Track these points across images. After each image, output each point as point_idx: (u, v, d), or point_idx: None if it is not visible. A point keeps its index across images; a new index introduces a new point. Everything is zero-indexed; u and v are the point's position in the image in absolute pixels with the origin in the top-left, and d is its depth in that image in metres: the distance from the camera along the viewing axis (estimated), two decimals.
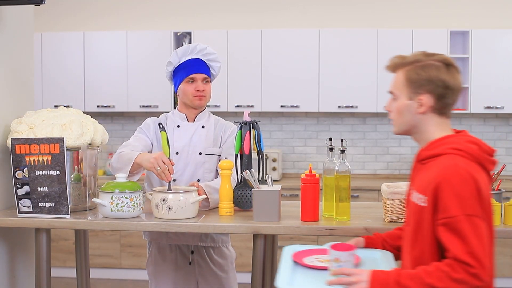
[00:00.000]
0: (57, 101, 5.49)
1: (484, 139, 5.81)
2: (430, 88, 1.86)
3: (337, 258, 1.83)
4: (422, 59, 1.88)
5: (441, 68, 1.86)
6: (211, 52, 2.94)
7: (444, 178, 1.76)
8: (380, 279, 1.75)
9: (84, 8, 5.90)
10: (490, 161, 1.87)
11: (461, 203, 1.72)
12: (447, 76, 1.85)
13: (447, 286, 1.69)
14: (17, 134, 2.68)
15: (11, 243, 2.92)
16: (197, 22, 5.78)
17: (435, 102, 1.88)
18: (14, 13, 2.96)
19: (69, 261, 5.37)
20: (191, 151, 2.93)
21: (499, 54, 5.28)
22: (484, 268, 1.69)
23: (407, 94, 1.89)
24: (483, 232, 1.72)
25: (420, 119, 1.90)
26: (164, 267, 2.98)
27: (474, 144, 1.86)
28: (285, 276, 1.88)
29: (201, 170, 2.93)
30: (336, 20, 5.69)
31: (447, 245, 1.73)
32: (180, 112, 3.00)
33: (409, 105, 1.89)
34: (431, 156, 1.87)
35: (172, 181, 2.66)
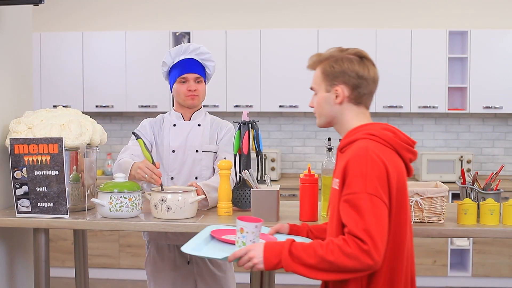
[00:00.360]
0: (56, 101, 5.49)
1: (483, 139, 5.88)
2: (344, 79, 1.94)
3: (242, 228, 1.88)
4: (337, 54, 1.97)
5: (354, 60, 1.94)
6: (204, 52, 2.96)
7: (352, 158, 1.83)
8: (274, 249, 1.80)
9: (83, 8, 5.89)
10: (406, 149, 1.93)
11: (365, 181, 1.77)
12: (360, 68, 1.94)
13: (338, 260, 1.72)
14: (16, 134, 2.68)
15: (10, 243, 2.92)
16: (196, 22, 5.78)
17: (350, 92, 1.95)
18: (12, 13, 2.96)
19: (68, 261, 5.36)
20: (188, 149, 2.94)
21: (498, 54, 5.28)
22: (376, 247, 1.71)
23: (324, 87, 1.98)
24: (383, 213, 1.76)
25: (338, 109, 1.98)
26: (163, 266, 2.98)
27: (389, 132, 1.93)
28: (193, 243, 1.94)
29: (198, 168, 2.93)
30: (335, 20, 5.70)
31: (345, 220, 1.77)
32: (176, 111, 3.02)
33: (327, 97, 1.98)
34: (348, 143, 1.94)
35: (162, 184, 2.65)
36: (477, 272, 5.14)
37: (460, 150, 5.67)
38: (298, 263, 1.77)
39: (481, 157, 5.69)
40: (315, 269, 1.75)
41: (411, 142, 1.97)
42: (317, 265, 1.74)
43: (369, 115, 2.02)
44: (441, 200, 2.47)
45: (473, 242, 5.12)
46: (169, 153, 2.94)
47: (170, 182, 2.94)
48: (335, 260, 1.72)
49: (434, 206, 2.47)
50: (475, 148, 5.69)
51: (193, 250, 1.90)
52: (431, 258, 5.16)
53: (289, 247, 1.79)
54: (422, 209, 2.46)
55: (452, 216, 2.59)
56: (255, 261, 1.81)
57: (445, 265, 5.16)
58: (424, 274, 5.17)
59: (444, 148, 5.72)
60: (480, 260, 5.12)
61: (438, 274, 5.17)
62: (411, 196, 2.47)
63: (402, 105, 5.38)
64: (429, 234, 2.44)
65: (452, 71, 5.46)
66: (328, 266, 1.74)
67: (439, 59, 5.33)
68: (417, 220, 2.47)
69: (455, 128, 5.72)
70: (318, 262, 1.74)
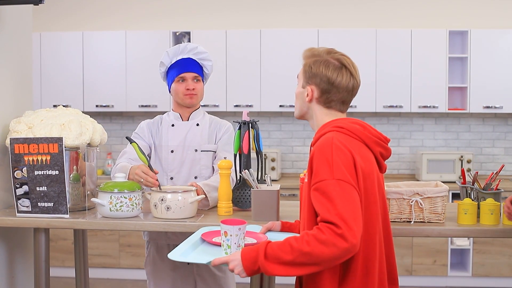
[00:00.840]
0: (56, 101, 5.49)
1: (483, 139, 5.88)
2: (316, 81, 1.99)
3: (225, 231, 1.89)
4: (322, 55, 2.01)
5: (331, 66, 1.98)
6: (202, 51, 2.97)
7: (317, 148, 1.86)
8: (250, 257, 1.78)
9: (83, 8, 5.89)
10: (375, 142, 1.96)
11: (331, 168, 1.79)
12: (334, 74, 1.97)
13: (315, 249, 1.70)
14: (16, 133, 2.68)
15: (10, 243, 2.92)
16: (196, 22, 5.78)
17: (319, 95, 2.00)
18: (13, 12, 2.96)
19: (68, 261, 5.36)
20: (186, 149, 2.94)
21: (498, 54, 5.28)
22: (351, 229, 1.70)
23: (302, 82, 2.06)
24: (353, 196, 1.77)
25: (309, 106, 2.05)
26: (163, 266, 2.98)
27: (358, 125, 1.96)
28: (181, 249, 1.95)
29: (197, 167, 2.94)
30: (335, 20, 5.70)
31: (317, 208, 1.78)
32: (174, 112, 3.02)
33: (302, 92, 2.06)
34: (318, 138, 1.96)
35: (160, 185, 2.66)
36: (477, 272, 5.14)
37: (460, 150, 5.67)
38: (276, 263, 1.74)
39: (481, 157, 5.69)
40: (293, 265, 1.73)
41: (383, 138, 1.99)
42: (295, 260, 1.72)
43: (340, 116, 2.03)
44: (441, 200, 2.47)
45: (473, 242, 5.12)
46: (168, 153, 2.94)
47: (170, 182, 2.95)
48: (311, 250, 1.70)
49: (434, 206, 2.47)
50: (475, 148, 5.69)
51: (180, 256, 1.90)
52: (431, 258, 5.16)
53: (264, 250, 1.76)
54: (422, 209, 2.46)
55: (452, 216, 2.59)
56: (237, 271, 1.79)
57: (445, 265, 5.16)
58: (424, 274, 5.17)
59: (444, 148, 5.72)
60: (480, 260, 5.12)
61: (438, 274, 5.17)
62: (411, 196, 2.47)
63: (402, 105, 5.38)
64: (429, 234, 2.44)
65: (452, 71, 5.46)
66: (306, 259, 1.71)
67: (439, 59, 5.33)
68: (417, 220, 2.47)
69: (455, 128, 5.72)
70: (295, 256, 1.72)
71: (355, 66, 2.02)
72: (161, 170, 2.95)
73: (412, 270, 5.16)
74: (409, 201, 2.46)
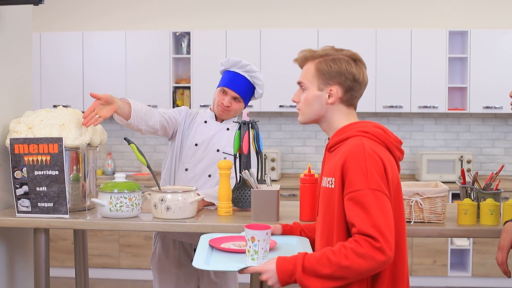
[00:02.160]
0: (56, 101, 5.49)
1: (483, 139, 5.88)
2: (341, 80, 1.93)
3: (253, 237, 1.86)
4: (332, 53, 1.96)
5: (350, 62, 1.94)
6: (258, 78, 2.95)
7: (350, 155, 1.82)
8: (286, 269, 1.76)
9: (83, 8, 5.89)
10: (396, 147, 1.94)
11: (366, 177, 1.76)
12: (356, 70, 1.94)
13: (354, 263, 1.69)
14: (16, 134, 2.68)
15: (10, 243, 2.92)
16: (196, 22, 5.78)
17: (343, 94, 1.94)
18: (12, 13, 2.95)
19: (68, 261, 5.36)
20: (210, 147, 2.97)
21: (498, 54, 5.28)
22: (388, 242, 1.70)
23: (317, 85, 1.96)
24: (387, 207, 1.75)
25: (328, 109, 1.96)
26: (167, 264, 3.02)
27: (380, 129, 1.93)
28: (201, 256, 1.93)
29: (214, 167, 2.95)
30: (335, 20, 5.70)
31: (352, 219, 1.75)
32: (211, 111, 3.06)
33: (319, 96, 1.96)
34: (339, 141, 1.93)
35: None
36: (477, 272, 5.14)
37: (460, 150, 5.67)
38: (313, 276, 1.73)
39: (481, 157, 5.69)
40: (331, 278, 1.72)
41: (399, 141, 1.98)
42: (333, 274, 1.71)
43: (356, 116, 2.02)
44: (441, 200, 2.47)
45: (473, 242, 5.12)
46: (191, 146, 2.97)
47: (184, 173, 2.97)
48: (350, 264, 1.69)
49: (434, 206, 2.47)
50: (475, 148, 5.69)
51: (205, 265, 1.87)
52: (431, 258, 5.16)
53: (302, 263, 1.75)
54: (422, 209, 2.46)
55: (452, 216, 2.59)
56: (271, 282, 1.78)
57: (445, 265, 5.16)
58: (424, 274, 5.17)
59: (444, 148, 5.72)
60: (480, 260, 5.12)
61: (438, 274, 5.17)
62: (411, 196, 2.47)
63: (402, 105, 5.38)
64: (429, 234, 2.44)
65: (452, 71, 5.46)
66: (344, 272, 1.71)
67: (439, 59, 5.33)
68: (417, 220, 2.47)
69: (455, 128, 5.72)
70: (333, 270, 1.71)
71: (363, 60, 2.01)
72: (179, 160, 2.98)
73: (412, 270, 5.16)
74: (409, 201, 2.46)
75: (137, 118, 2.76)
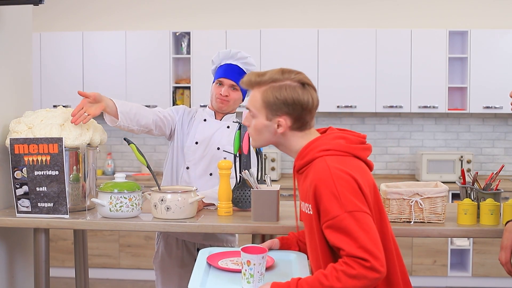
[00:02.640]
0: (56, 101, 5.49)
1: (483, 139, 5.87)
2: (288, 110, 1.86)
3: (248, 260, 1.83)
4: (279, 78, 1.87)
5: (297, 89, 1.86)
6: (251, 63, 2.98)
7: (318, 181, 1.78)
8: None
9: (83, 8, 5.89)
10: (361, 149, 1.91)
11: (340, 201, 1.73)
12: (303, 97, 1.86)
13: (347, 284, 1.69)
14: (16, 134, 2.68)
15: (10, 243, 2.92)
16: (196, 22, 5.78)
17: (293, 123, 1.88)
18: (12, 13, 2.95)
19: (68, 261, 5.36)
20: (210, 145, 2.98)
21: (498, 54, 5.28)
22: (378, 260, 1.70)
23: (265, 114, 1.89)
24: (369, 224, 1.74)
25: (280, 137, 1.91)
26: (170, 263, 3.02)
27: (341, 139, 1.88)
28: (198, 277, 1.90)
29: (215, 165, 2.95)
30: (335, 20, 5.70)
31: (338, 244, 1.74)
32: (210, 109, 3.07)
33: (268, 125, 1.89)
34: (304, 164, 1.89)
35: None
36: (477, 272, 5.14)
37: (460, 150, 5.67)
38: None
39: (481, 157, 5.69)
40: None
41: (362, 138, 1.94)
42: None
43: (314, 131, 1.96)
44: (441, 200, 2.47)
45: (473, 242, 5.12)
46: (191, 144, 2.98)
47: (185, 171, 2.97)
48: (343, 286, 1.69)
49: (434, 206, 2.47)
50: (475, 148, 5.69)
51: (201, 287, 1.85)
52: (431, 258, 5.16)
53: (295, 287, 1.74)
54: (422, 209, 2.46)
55: (452, 216, 2.59)
56: None
57: (445, 265, 5.16)
58: (424, 274, 5.17)
59: (444, 148, 5.72)
60: (480, 260, 5.12)
61: (438, 274, 5.17)
62: (411, 196, 2.47)
63: (402, 105, 5.38)
64: (429, 234, 2.44)
65: (452, 71, 5.46)
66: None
67: (439, 59, 5.33)
68: (417, 220, 2.47)
69: (455, 128, 5.72)
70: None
71: (311, 81, 1.93)
72: (181, 157, 2.99)
73: (412, 270, 5.16)
74: (409, 201, 2.46)
75: (126, 119, 2.75)
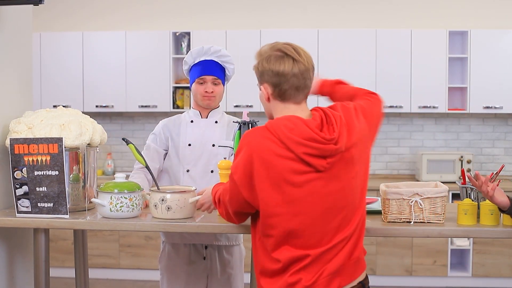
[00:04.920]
0: (56, 101, 5.49)
1: (483, 139, 5.88)
2: (265, 78, 2.04)
3: None
4: (266, 52, 2.05)
5: (272, 57, 2.01)
6: (225, 54, 3.03)
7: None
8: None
9: (83, 8, 5.89)
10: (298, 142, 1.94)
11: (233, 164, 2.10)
12: (277, 66, 2.00)
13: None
14: (16, 134, 2.68)
15: (10, 243, 2.92)
16: (196, 22, 5.78)
17: (272, 90, 2.04)
18: (12, 13, 2.95)
19: (68, 261, 5.36)
20: (204, 144, 2.99)
21: (498, 54, 5.29)
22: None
23: (259, 84, 2.11)
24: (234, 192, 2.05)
25: (269, 106, 2.09)
26: (178, 261, 3.02)
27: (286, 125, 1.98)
28: None
29: (214, 161, 2.96)
30: (335, 20, 5.70)
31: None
32: (194, 109, 3.08)
33: (261, 95, 2.11)
34: None
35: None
36: (477, 272, 5.14)
37: (460, 150, 5.67)
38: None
39: (481, 157, 5.69)
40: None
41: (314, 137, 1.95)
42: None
43: (294, 109, 2.03)
44: (441, 200, 2.47)
45: (473, 242, 5.12)
46: (185, 147, 2.99)
47: (186, 174, 2.98)
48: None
49: (434, 206, 2.46)
50: (475, 148, 5.69)
51: None
52: (431, 258, 5.16)
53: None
54: (422, 209, 2.46)
55: (452, 216, 2.59)
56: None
57: (445, 265, 5.16)
58: (424, 274, 5.17)
59: (444, 148, 5.72)
60: (480, 260, 5.12)
61: (438, 274, 5.17)
62: (411, 196, 2.46)
63: (402, 105, 5.38)
64: (429, 234, 2.44)
65: (452, 71, 5.46)
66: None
67: (439, 59, 5.33)
68: (417, 220, 2.47)
69: (455, 128, 5.72)
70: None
71: (299, 50, 2.03)
72: (178, 163, 2.99)
73: (412, 271, 5.16)
74: (409, 201, 2.46)
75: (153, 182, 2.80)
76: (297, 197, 1.94)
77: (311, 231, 1.96)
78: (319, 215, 1.96)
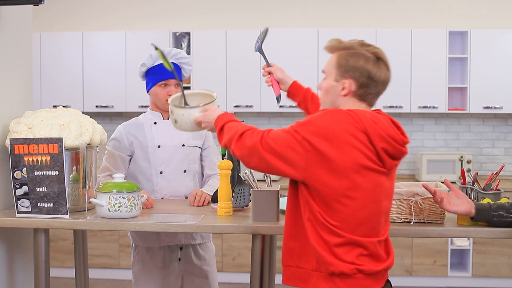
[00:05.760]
0: (55, 101, 5.49)
1: (483, 139, 5.87)
2: (355, 75, 1.98)
3: None
4: (356, 47, 2.03)
5: (370, 59, 1.98)
6: (184, 57, 3.07)
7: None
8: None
9: (83, 8, 5.89)
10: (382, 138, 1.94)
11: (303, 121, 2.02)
12: (373, 68, 1.98)
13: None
14: (16, 134, 2.68)
15: (10, 243, 2.92)
16: (196, 22, 5.78)
17: (357, 89, 2.00)
18: (12, 13, 2.96)
19: (68, 261, 5.36)
20: (174, 144, 3.01)
21: (498, 54, 5.28)
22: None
23: (335, 76, 2.03)
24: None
25: (341, 101, 2.03)
26: (152, 265, 3.01)
27: (370, 118, 1.96)
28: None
29: (185, 162, 3.02)
30: (335, 20, 5.70)
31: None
32: (154, 111, 3.09)
33: (334, 86, 2.03)
34: None
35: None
36: (477, 272, 5.14)
37: (460, 150, 5.67)
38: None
39: (481, 157, 5.69)
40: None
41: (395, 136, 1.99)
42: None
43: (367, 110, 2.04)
44: None
45: (473, 242, 5.12)
46: (154, 149, 3.01)
47: (160, 176, 3.00)
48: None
49: (434, 206, 2.46)
50: (475, 148, 5.69)
51: None
52: (431, 258, 5.16)
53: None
54: (422, 209, 2.46)
55: (452, 216, 2.59)
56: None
57: (445, 265, 5.16)
58: (424, 274, 5.17)
59: (444, 148, 5.72)
60: (480, 260, 5.12)
61: (438, 274, 5.17)
62: (411, 196, 2.46)
63: (402, 105, 5.38)
64: (429, 234, 2.44)
65: (452, 71, 5.46)
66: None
67: (439, 59, 5.33)
68: (417, 221, 2.47)
69: (455, 128, 5.72)
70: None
71: (387, 59, 2.03)
72: (148, 166, 3.00)
73: (412, 271, 5.16)
74: (409, 201, 2.46)
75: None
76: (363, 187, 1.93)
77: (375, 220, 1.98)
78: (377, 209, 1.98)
